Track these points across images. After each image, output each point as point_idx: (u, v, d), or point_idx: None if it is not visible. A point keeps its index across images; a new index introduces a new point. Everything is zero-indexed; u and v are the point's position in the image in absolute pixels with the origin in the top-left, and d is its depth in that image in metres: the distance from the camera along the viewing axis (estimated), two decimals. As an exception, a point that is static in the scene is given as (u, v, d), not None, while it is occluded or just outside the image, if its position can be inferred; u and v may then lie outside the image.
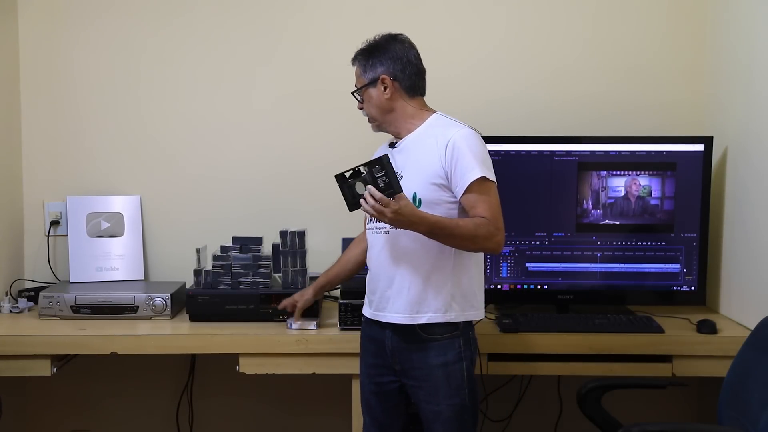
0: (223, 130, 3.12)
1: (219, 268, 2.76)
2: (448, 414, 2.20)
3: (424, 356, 2.21)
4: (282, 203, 3.11)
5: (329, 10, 3.08)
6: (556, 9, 3.07)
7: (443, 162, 2.16)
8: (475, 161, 2.14)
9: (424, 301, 2.19)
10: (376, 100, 2.26)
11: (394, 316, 2.22)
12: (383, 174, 2.06)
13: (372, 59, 2.26)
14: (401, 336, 2.23)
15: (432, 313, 2.19)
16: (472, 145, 2.17)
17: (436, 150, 2.17)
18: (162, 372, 3.14)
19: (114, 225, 3.09)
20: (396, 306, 2.21)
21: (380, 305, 2.25)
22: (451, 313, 2.19)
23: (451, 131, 2.18)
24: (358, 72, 2.30)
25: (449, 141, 2.16)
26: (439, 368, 2.20)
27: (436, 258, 2.18)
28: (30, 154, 3.11)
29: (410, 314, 2.20)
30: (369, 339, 2.34)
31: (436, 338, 2.20)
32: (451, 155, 2.15)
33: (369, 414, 2.37)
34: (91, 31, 3.08)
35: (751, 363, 2.17)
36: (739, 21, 2.79)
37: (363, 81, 2.28)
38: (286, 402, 3.18)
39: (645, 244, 2.84)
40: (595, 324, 2.66)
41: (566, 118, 3.04)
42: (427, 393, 2.22)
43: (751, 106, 2.66)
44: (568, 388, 2.98)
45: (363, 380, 2.37)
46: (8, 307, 2.86)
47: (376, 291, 2.27)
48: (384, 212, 2.04)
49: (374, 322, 2.29)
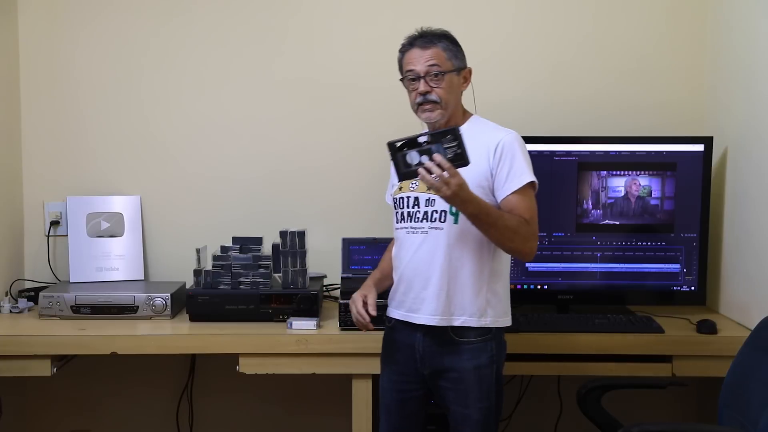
0: (223, 130, 3.12)
1: (219, 268, 2.76)
2: (476, 417, 2.19)
3: (457, 359, 2.19)
4: (282, 203, 3.11)
5: (330, 11, 3.08)
6: (556, 9, 3.07)
7: (491, 164, 2.16)
8: (526, 165, 2.17)
9: (461, 304, 2.17)
10: (455, 88, 2.23)
11: (429, 318, 2.19)
12: (455, 144, 2.01)
13: (459, 48, 2.25)
14: (433, 338, 2.21)
15: (467, 316, 2.18)
16: (522, 148, 2.19)
17: (485, 151, 2.17)
18: (162, 372, 3.14)
19: (114, 225, 3.09)
20: (431, 308, 2.18)
21: (414, 306, 2.22)
22: (485, 318, 2.19)
23: (500, 134, 2.20)
24: (443, 55, 2.21)
25: (499, 143, 2.17)
26: (471, 371, 2.18)
27: (473, 262, 2.17)
28: (30, 154, 3.11)
29: (445, 316, 2.18)
30: (395, 344, 2.30)
31: (470, 341, 2.19)
32: (501, 157, 2.16)
33: (387, 420, 2.33)
34: (91, 31, 3.08)
35: (751, 363, 2.16)
36: (739, 21, 2.79)
37: (449, 65, 2.21)
38: (286, 402, 3.18)
39: (645, 244, 2.84)
40: (595, 324, 2.66)
41: (566, 118, 3.04)
42: (457, 396, 2.20)
43: (751, 105, 2.66)
44: (568, 388, 2.98)
45: (385, 385, 2.33)
46: (8, 307, 2.86)
47: (410, 292, 2.22)
48: (450, 183, 1.99)
49: (404, 324, 2.25)
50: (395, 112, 3.06)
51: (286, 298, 2.70)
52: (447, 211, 2.18)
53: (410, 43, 2.25)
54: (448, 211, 2.18)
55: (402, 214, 2.26)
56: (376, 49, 3.06)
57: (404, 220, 2.25)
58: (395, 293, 2.29)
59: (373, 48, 3.06)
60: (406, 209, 2.25)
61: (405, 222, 2.25)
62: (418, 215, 2.22)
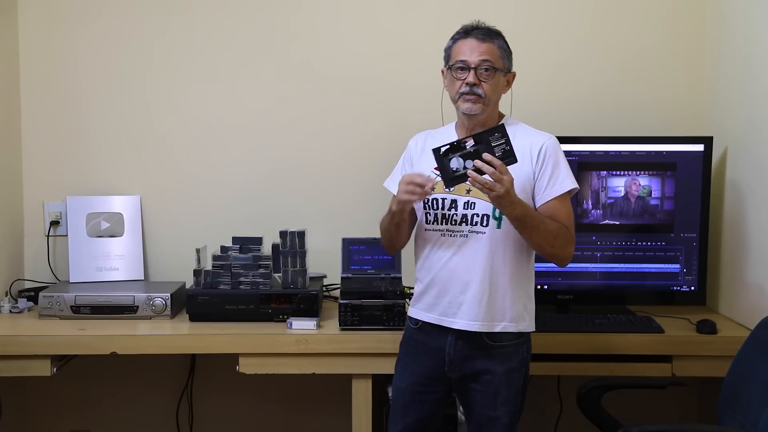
0: (223, 131, 3.12)
1: (219, 268, 2.76)
2: (504, 420, 2.19)
3: (489, 363, 2.17)
4: (282, 203, 3.11)
5: (329, 10, 3.08)
6: (556, 9, 3.07)
7: (534, 167, 2.15)
8: (567, 171, 2.17)
9: (501, 310, 2.16)
10: (500, 88, 2.21)
11: (468, 323, 2.16)
12: (503, 142, 1.99)
13: (510, 51, 2.23)
14: (466, 342, 2.18)
15: (507, 322, 2.16)
16: (562, 154, 2.19)
17: (528, 154, 2.15)
18: (162, 372, 3.14)
19: (114, 225, 3.09)
20: (472, 313, 2.15)
21: (449, 310, 2.18)
22: (522, 323, 2.19)
23: (542, 137, 2.19)
24: (497, 53, 2.18)
25: (543, 146, 2.16)
26: (503, 375, 2.17)
27: (513, 266, 2.16)
28: (30, 154, 3.11)
29: (485, 322, 2.15)
30: (420, 346, 2.26)
31: (503, 345, 2.18)
32: (544, 161, 2.15)
33: (403, 419, 2.28)
34: (91, 31, 3.08)
35: (750, 363, 2.16)
36: (739, 20, 2.79)
37: (501, 64, 2.19)
38: (286, 402, 3.18)
39: (645, 244, 2.84)
40: (595, 324, 2.66)
41: (566, 118, 3.04)
42: (485, 398, 2.19)
43: (751, 105, 2.66)
44: (568, 388, 2.98)
45: (403, 386, 2.28)
46: (8, 307, 2.86)
47: (444, 295, 2.18)
48: (503, 180, 1.97)
49: (432, 326, 2.22)
50: (395, 112, 3.08)
51: (286, 298, 2.70)
52: (489, 215, 2.15)
53: (466, 32, 2.20)
54: (491, 215, 2.15)
55: (436, 215, 2.20)
56: (377, 50, 3.07)
57: (438, 222, 2.20)
58: (424, 295, 2.24)
59: (374, 48, 3.06)
60: (441, 211, 2.19)
61: (440, 224, 2.20)
62: (455, 218, 2.17)
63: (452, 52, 2.21)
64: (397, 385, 2.31)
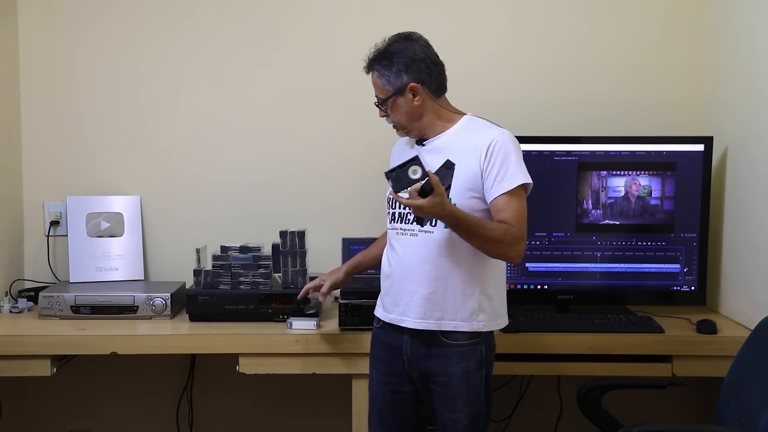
0: (223, 130, 3.12)
1: (219, 268, 2.76)
2: (465, 422, 2.17)
3: (445, 363, 2.16)
4: (282, 203, 3.11)
5: (331, 12, 3.08)
6: (556, 9, 3.07)
7: (481, 164, 2.11)
8: (518, 166, 2.11)
9: (453, 309, 2.14)
10: (405, 109, 2.17)
11: (417, 322, 2.16)
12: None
13: (394, 67, 2.15)
14: (421, 341, 2.18)
15: (459, 321, 2.14)
16: (515, 148, 2.13)
17: (474, 153, 2.12)
18: (162, 372, 3.14)
19: (114, 225, 3.09)
20: (420, 311, 2.15)
21: (402, 309, 2.19)
22: (477, 322, 2.16)
23: (492, 133, 2.13)
24: (379, 82, 2.18)
25: (491, 143, 2.11)
26: (460, 376, 2.16)
27: (468, 266, 2.14)
28: (30, 154, 3.11)
29: (435, 320, 2.15)
30: (383, 346, 2.28)
31: (459, 345, 2.16)
32: (491, 157, 2.10)
33: (380, 423, 2.29)
34: (92, 31, 3.08)
35: (751, 363, 2.16)
36: (739, 20, 2.79)
37: (387, 91, 2.17)
38: (286, 402, 3.18)
39: (645, 244, 2.84)
40: (595, 324, 2.66)
41: (566, 118, 3.04)
42: (444, 400, 2.18)
43: (751, 105, 2.66)
44: (568, 388, 2.98)
45: (375, 388, 2.30)
46: (8, 307, 2.86)
47: (397, 294, 2.20)
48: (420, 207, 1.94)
49: (390, 326, 2.23)
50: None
51: (286, 298, 2.70)
52: None
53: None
54: None
55: (393, 214, 2.23)
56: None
57: (395, 221, 2.23)
58: (384, 294, 2.27)
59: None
60: (398, 210, 2.22)
61: (396, 223, 2.22)
62: (409, 217, 2.17)
63: None
64: (371, 388, 2.32)
